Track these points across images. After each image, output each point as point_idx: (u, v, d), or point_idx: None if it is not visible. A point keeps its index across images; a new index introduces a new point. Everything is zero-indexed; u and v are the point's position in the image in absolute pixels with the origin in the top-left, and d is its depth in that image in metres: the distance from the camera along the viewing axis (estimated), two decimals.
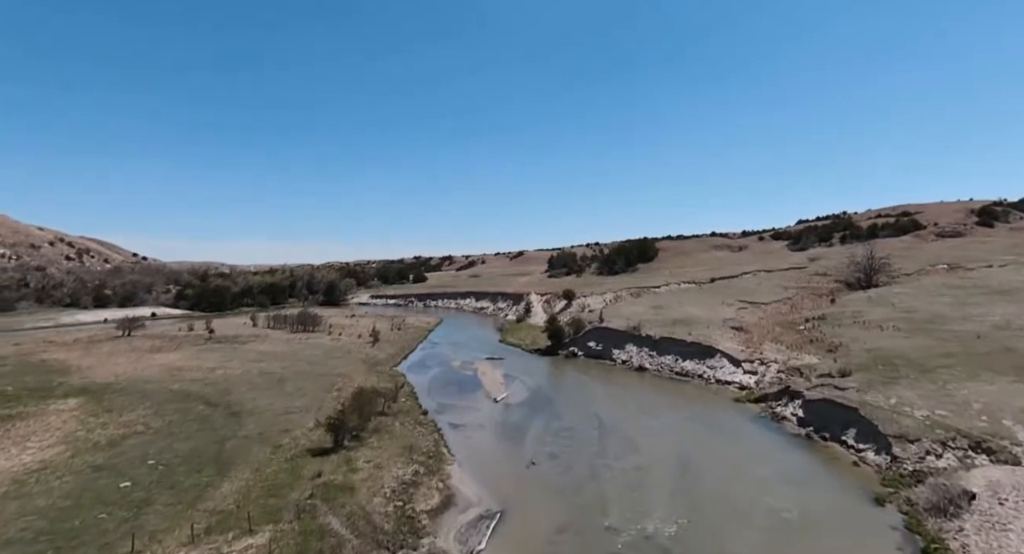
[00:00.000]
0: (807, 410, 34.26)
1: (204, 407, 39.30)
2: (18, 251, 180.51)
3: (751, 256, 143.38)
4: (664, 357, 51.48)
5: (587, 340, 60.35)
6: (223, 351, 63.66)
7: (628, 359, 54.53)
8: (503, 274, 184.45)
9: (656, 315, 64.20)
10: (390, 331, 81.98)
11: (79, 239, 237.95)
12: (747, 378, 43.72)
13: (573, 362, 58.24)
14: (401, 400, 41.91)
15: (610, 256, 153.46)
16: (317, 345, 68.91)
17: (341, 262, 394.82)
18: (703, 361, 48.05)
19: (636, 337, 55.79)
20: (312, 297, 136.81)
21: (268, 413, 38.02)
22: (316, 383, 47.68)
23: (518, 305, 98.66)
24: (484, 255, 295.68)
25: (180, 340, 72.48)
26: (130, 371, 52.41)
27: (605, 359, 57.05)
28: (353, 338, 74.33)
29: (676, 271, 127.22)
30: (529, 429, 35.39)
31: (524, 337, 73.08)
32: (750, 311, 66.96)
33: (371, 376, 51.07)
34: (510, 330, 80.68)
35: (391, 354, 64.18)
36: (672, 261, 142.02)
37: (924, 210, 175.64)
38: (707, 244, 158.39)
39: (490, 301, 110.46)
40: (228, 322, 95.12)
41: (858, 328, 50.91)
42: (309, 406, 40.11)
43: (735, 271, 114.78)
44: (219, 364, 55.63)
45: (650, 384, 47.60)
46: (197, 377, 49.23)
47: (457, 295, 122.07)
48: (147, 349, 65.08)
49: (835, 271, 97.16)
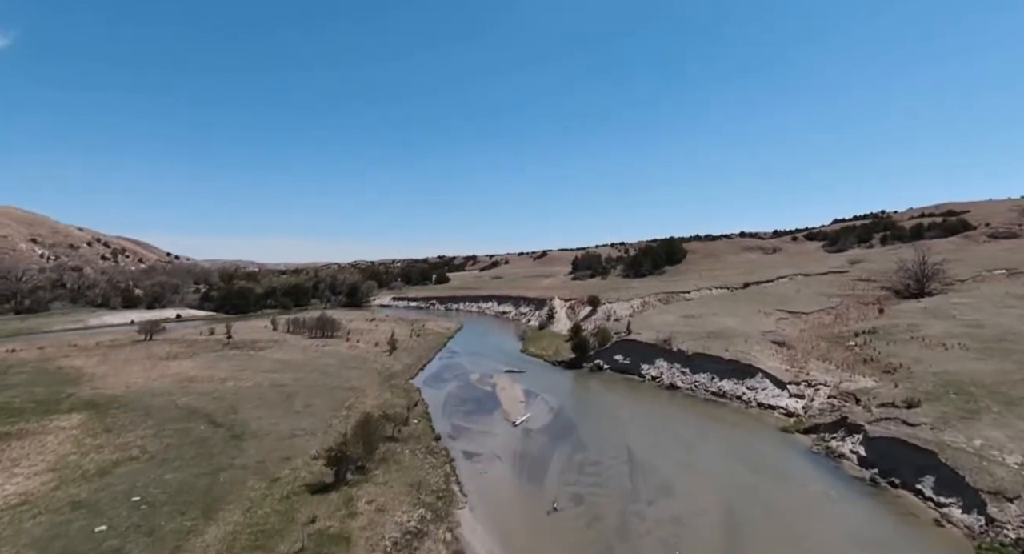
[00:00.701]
0: (870, 448, 29.67)
1: (206, 427, 36.91)
2: (57, 251, 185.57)
3: (785, 258, 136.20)
4: (698, 375, 47.08)
5: (614, 353, 56.29)
6: (238, 359, 61.87)
7: (658, 376, 50.30)
8: (526, 275, 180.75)
9: (688, 326, 59.64)
10: (408, 338, 79.32)
11: (115, 239, 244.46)
12: (793, 403, 39.07)
13: (598, 377, 54.29)
14: (413, 422, 38.79)
15: (636, 258, 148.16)
16: (333, 353, 66.62)
17: (367, 261, 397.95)
18: (742, 381, 43.54)
19: (667, 352, 51.48)
20: (335, 299, 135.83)
21: (271, 436, 35.36)
22: (327, 399, 45.02)
23: (541, 311, 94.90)
24: (507, 255, 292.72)
25: (198, 346, 71.24)
26: (141, 382, 50.81)
27: (633, 374, 52.93)
28: (370, 346, 71.85)
29: (706, 274, 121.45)
30: (551, 462, 31.76)
31: (547, 347, 69.35)
32: (790, 322, 61.72)
33: (385, 391, 48.19)
34: (532, 338, 77.03)
35: (408, 365, 61.32)
36: (701, 263, 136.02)
37: (972, 209, 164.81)
38: (738, 245, 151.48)
39: (512, 305, 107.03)
40: (249, 325, 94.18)
41: (917, 346, 45.52)
42: (316, 427, 37.34)
43: (769, 275, 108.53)
44: (232, 374, 53.65)
45: (683, 406, 43.36)
46: (207, 390, 47.17)
47: (479, 298, 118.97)
48: (163, 356, 63.82)
49: (880, 276, 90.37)
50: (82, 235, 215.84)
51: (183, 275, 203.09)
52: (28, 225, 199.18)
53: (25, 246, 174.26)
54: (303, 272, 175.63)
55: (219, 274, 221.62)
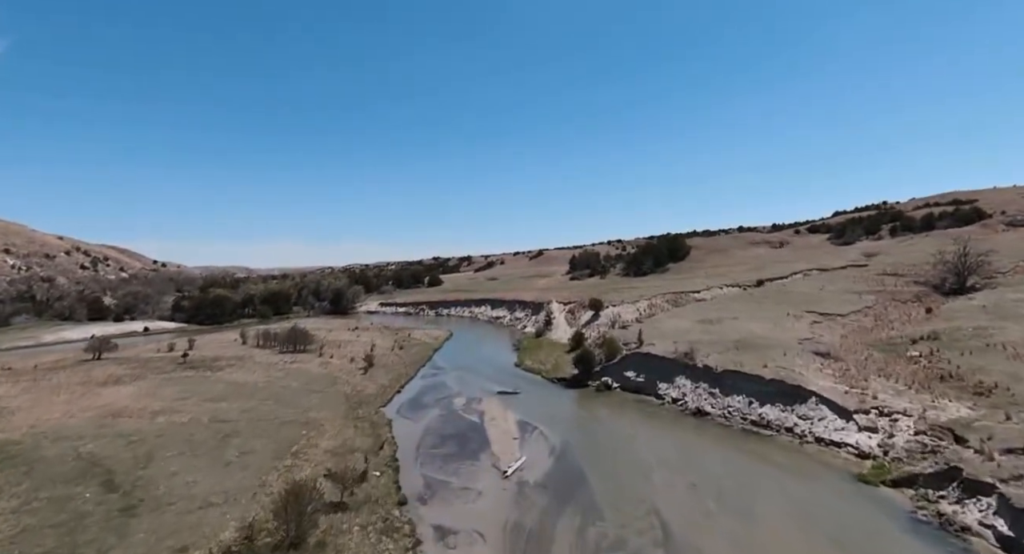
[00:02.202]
0: (1013, 519, 20.49)
1: (96, 492, 27.44)
2: (30, 261, 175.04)
3: (794, 252, 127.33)
4: (732, 398, 37.85)
5: (624, 369, 47.06)
6: (187, 383, 52.34)
7: (680, 398, 41.06)
8: (522, 276, 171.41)
9: (708, 334, 50.47)
10: (390, 351, 69.86)
11: (98, 248, 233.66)
12: (865, 439, 29.88)
13: (607, 398, 45.04)
14: (374, 475, 29.42)
15: (637, 256, 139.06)
16: (300, 373, 57.14)
17: (361, 265, 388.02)
18: (791, 408, 34.34)
19: (690, 368, 42.26)
20: (319, 305, 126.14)
21: (177, 506, 25.92)
22: (272, 440, 35.59)
23: (537, 315, 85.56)
24: (503, 255, 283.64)
25: (149, 366, 61.61)
26: (55, 418, 41.25)
27: (648, 395, 43.71)
28: (345, 361, 62.38)
29: (712, 271, 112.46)
30: (554, 542, 22.46)
31: (545, 359, 60.02)
32: (826, 327, 52.61)
33: (348, 426, 38.75)
34: (528, 348, 67.67)
35: (383, 386, 51.90)
36: (707, 260, 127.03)
37: (980, 197, 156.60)
38: (743, 240, 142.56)
39: (507, 310, 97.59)
40: (217, 338, 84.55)
41: (1002, 356, 36.47)
42: (244, 488, 27.93)
43: (782, 271, 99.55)
44: (170, 405, 44.16)
45: (718, 441, 34.11)
46: (128, 430, 37.65)
47: (471, 303, 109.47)
48: (102, 381, 54.21)
49: (907, 270, 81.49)
50: (60, 244, 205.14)
51: (164, 284, 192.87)
52: (2, 235, 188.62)
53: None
54: (289, 278, 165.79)
55: (209, 280, 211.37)
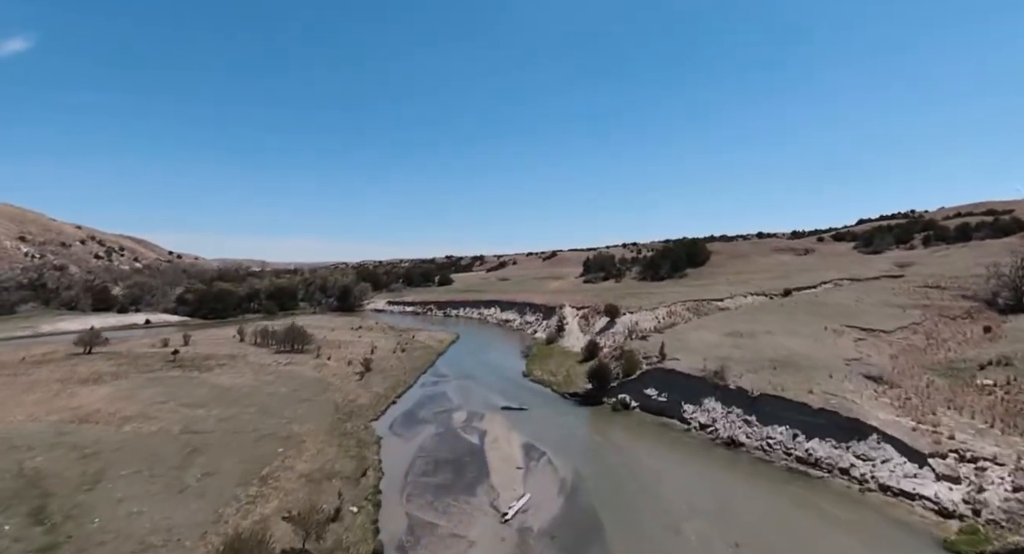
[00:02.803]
0: None
1: (22, 522, 23.14)
2: (45, 250, 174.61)
3: (821, 260, 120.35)
4: (771, 428, 32.45)
5: (644, 386, 41.83)
6: (170, 384, 48.39)
7: (710, 424, 35.74)
8: (534, 277, 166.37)
9: (739, 348, 44.98)
10: (391, 354, 65.37)
11: (114, 237, 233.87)
12: (945, 491, 24.30)
13: (624, 419, 39.86)
14: (350, 512, 24.71)
15: (654, 259, 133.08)
16: (291, 376, 52.89)
17: (375, 261, 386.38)
18: (846, 444, 28.84)
19: (720, 389, 36.92)
20: (325, 302, 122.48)
21: (108, 547, 21.43)
22: (243, 458, 31.12)
23: (549, 320, 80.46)
24: (516, 255, 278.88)
25: (137, 363, 57.99)
26: (18, 421, 37.48)
27: (672, 417, 38.46)
28: (342, 365, 58.03)
29: (735, 278, 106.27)
30: None
31: (556, 369, 54.97)
32: (872, 344, 46.77)
33: (331, 443, 34.16)
34: (538, 356, 62.67)
35: (378, 395, 47.30)
36: (727, 266, 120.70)
37: (1016, 208, 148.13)
38: (766, 246, 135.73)
39: (517, 313, 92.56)
40: (215, 334, 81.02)
41: None
42: (194, 525, 23.42)
43: (811, 280, 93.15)
44: (143, 410, 40.11)
45: (758, 481, 28.78)
46: (89, 439, 33.59)
47: (480, 304, 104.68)
48: (83, 378, 50.61)
49: (949, 282, 74.74)
50: (77, 233, 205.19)
51: (177, 275, 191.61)
52: (19, 222, 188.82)
53: (10, 244, 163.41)
54: (298, 273, 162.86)
55: (215, 274, 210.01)
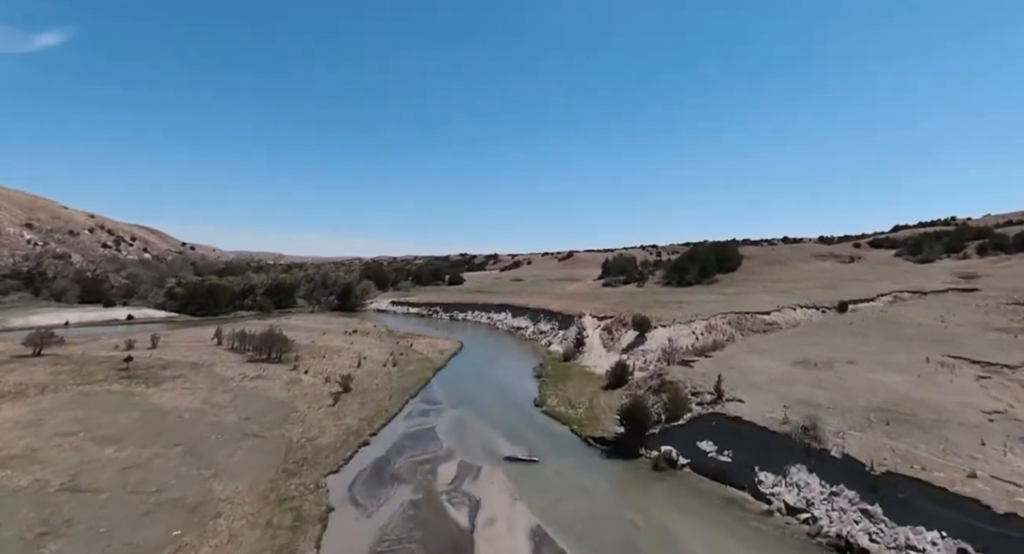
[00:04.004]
0: None
1: None
2: (52, 237, 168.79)
3: (868, 269, 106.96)
4: (913, 531, 20.99)
5: (696, 436, 30.56)
6: (99, 405, 38.55)
7: (802, 507, 24.36)
8: (550, 278, 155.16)
9: (821, 388, 33.41)
10: (381, 367, 54.98)
11: (127, 227, 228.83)
12: None
13: (672, 486, 28.61)
14: None
15: (679, 263, 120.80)
16: (254, 395, 42.76)
17: (390, 257, 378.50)
18: None
19: (814, 454, 25.47)
20: (325, 300, 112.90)
21: None
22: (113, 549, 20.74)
23: (566, 331, 69.35)
24: (530, 255, 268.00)
25: (81, 372, 48.43)
26: None
27: (741, 488, 27.15)
28: (319, 381, 47.84)
29: (773, 287, 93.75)
30: None
31: (576, 398, 43.87)
32: (1000, 384, 34.68)
33: (259, 519, 23.57)
34: (554, 377, 51.62)
35: (349, 429, 36.74)
36: (763, 272, 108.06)
37: None
38: (805, 251, 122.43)
39: (530, 320, 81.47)
40: (192, 335, 71.63)
41: None
42: None
43: (863, 291, 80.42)
44: (40, 445, 30.18)
45: None
46: None
47: (491, 308, 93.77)
48: (1, 392, 41.14)
49: None
50: (87, 221, 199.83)
51: (184, 267, 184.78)
52: (28, 209, 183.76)
53: (14, 230, 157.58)
54: (303, 268, 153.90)
55: (225, 267, 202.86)
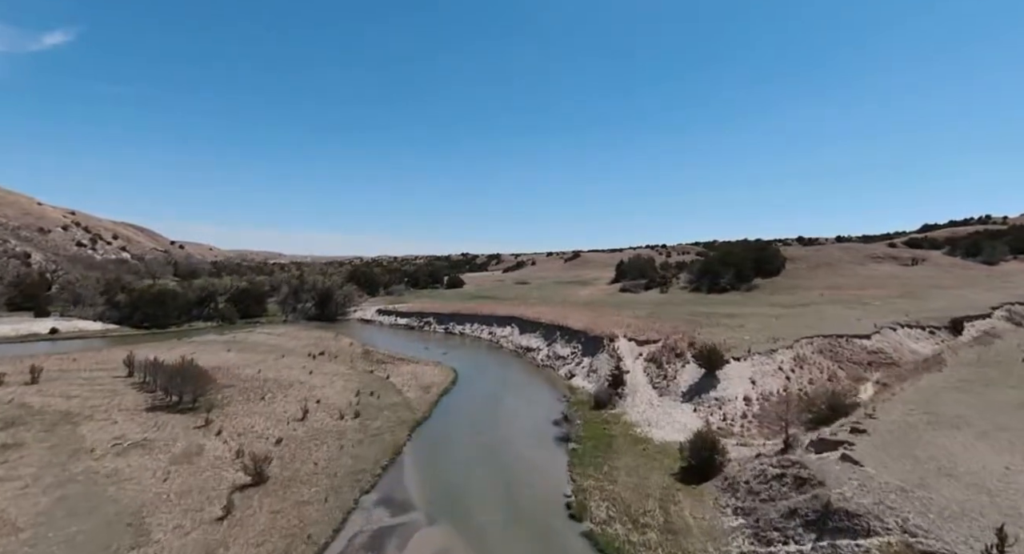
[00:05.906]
0: None
1: None
2: (15, 234, 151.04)
3: (941, 273, 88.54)
4: None
5: None
6: None
7: None
8: (557, 281, 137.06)
9: None
10: (338, 419, 37.03)
11: (110, 224, 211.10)
12: None
13: None
14: None
15: (709, 265, 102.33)
16: (101, 493, 24.72)
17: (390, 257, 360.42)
18: None
19: None
20: (301, 308, 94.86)
21: None
22: None
23: (594, 358, 51.11)
24: (534, 255, 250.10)
25: None
26: None
27: None
28: (229, 453, 29.85)
29: (831, 295, 75.47)
30: None
31: (639, 505, 25.70)
32: None
33: None
34: (590, 445, 33.34)
35: None
36: (812, 277, 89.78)
37: None
38: (859, 253, 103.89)
39: (543, 338, 63.19)
40: (100, 361, 53.01)
41: None
42: None
43: (960, 302, 62.05)
44: None
45: None
46: None
47: (493, 320, 75.58)
48: None
49: None
50: (61, 218, 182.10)
51: (163, 267, 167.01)
52: None
53: None
54: (287, 268, 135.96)
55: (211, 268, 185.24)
